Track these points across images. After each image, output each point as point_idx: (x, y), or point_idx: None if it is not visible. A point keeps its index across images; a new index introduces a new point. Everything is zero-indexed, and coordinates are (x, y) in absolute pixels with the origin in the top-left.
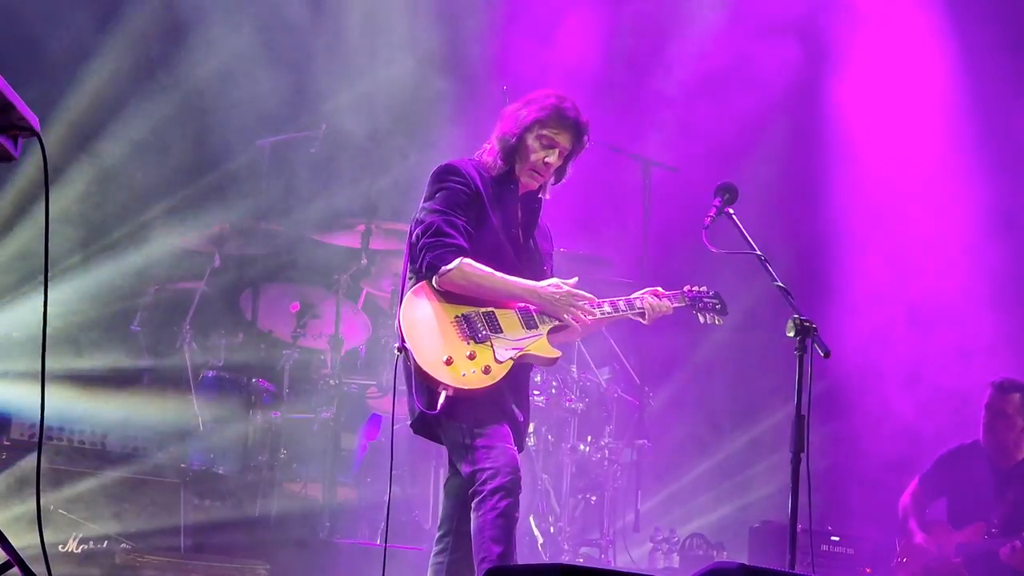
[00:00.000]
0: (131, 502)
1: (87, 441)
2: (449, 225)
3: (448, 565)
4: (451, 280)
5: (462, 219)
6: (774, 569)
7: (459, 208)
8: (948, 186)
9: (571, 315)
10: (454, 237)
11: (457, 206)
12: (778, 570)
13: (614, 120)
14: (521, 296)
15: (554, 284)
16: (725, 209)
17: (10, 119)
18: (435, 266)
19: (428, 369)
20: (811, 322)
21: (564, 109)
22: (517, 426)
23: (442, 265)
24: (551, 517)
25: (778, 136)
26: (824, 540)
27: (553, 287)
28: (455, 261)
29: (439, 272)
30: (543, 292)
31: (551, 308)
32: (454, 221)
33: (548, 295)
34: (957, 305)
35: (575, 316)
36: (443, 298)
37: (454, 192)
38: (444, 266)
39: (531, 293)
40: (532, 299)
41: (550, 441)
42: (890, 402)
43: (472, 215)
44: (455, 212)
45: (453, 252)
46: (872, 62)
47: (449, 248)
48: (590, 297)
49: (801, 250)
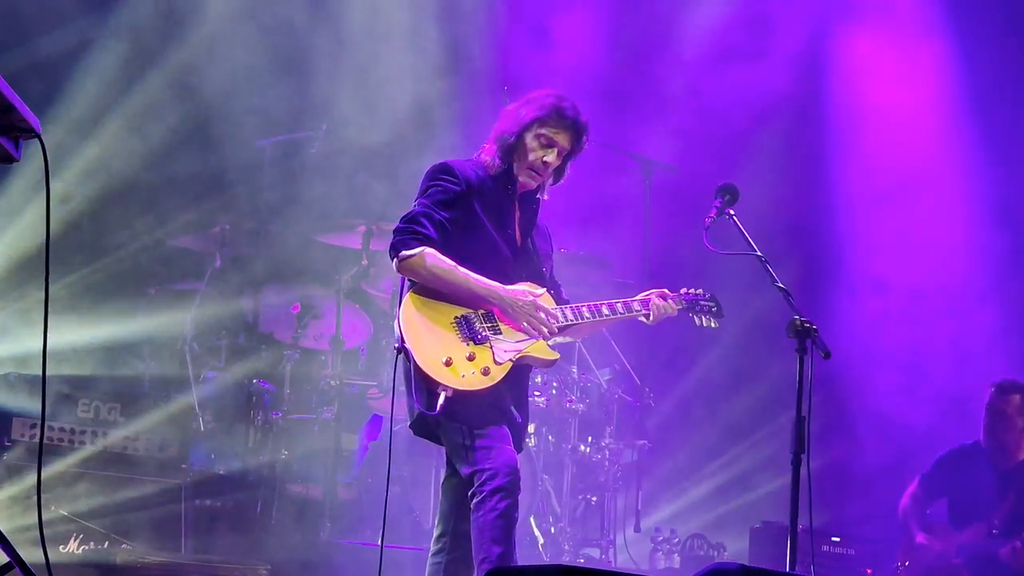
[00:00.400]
0: (132, 503)
1: (88, 442)
2: (426, 217)
3: (446, 565)
4: (411, 267)
5: (444, 216)
6: (774, 570)
7: (444, 206)
8: (949, 178)
9: (530, 325)
10: (426, 228)
11: (442, 203)
12: (778, 571)
13: (615, 120)
14: (482, 295)
15: (521, 290)
16: (726, 210)
17: (11, 120)
18: (397, 249)
19: (427, 370)
20: (811, 323)
21: (563, 108)
22: (516, 427)
23: (404, 249)
24: (552, 517)
25: (779, 136)
26: (825, 541)
27: (519, 293)
28: (418, 248)
29: (399, 255)
30: (505, 295)
31: (512, 313)
32: (433, 215)
33: (510, 299)
34: (957, 302)
35: (533, 327)
36: (442, 299)
37: (442, 190)
38: (405, 251)
39: (493, 294)
40: (494, 300)
41: (551, 442)
42: (890, 402)
43: (459, 215)
44: (438, 208)
45: (419, 240)
46: (872, 56)
47: (416, 235)
48: (553, 313)
49: (802, 249)
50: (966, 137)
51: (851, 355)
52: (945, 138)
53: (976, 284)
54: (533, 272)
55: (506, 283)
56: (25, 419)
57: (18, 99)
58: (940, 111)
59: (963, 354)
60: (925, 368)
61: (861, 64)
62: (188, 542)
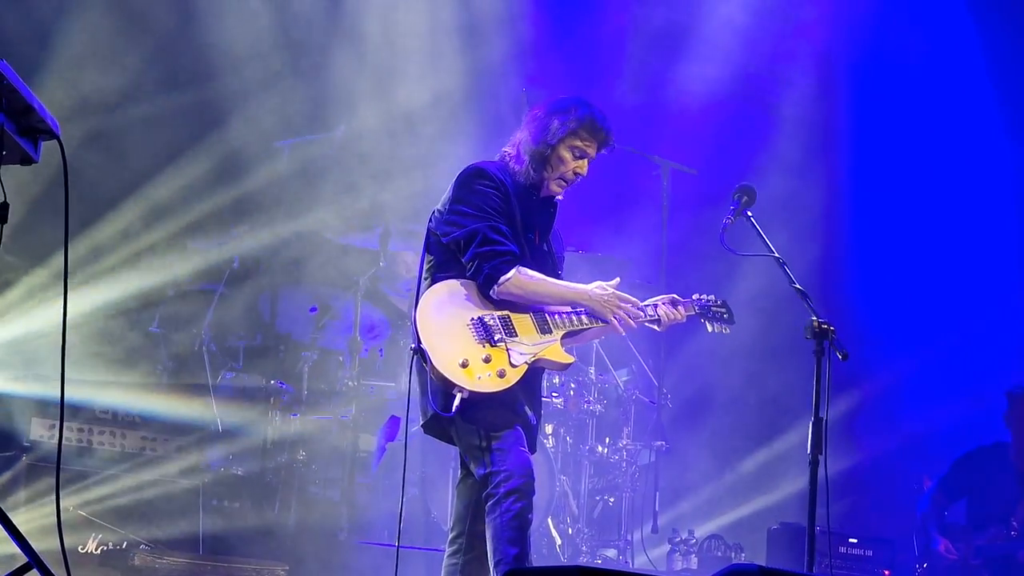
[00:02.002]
0: (150, 503)
1: (106, 443)
2: (495, 231)
3: (462, 566)
4: (508, 289)
5: (504, 223)
6: (792, 571)
7: (498, 213)
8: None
9: (617, 319)
10: (505, 244)
11: (495, 211)
12: (796, 572)
13: (634, 122)
14: (573, 300)
15: (599, 286)
16: (743, 211)
17: (30, 122)
18: (494, 277)
19: (444, 371)
20: (829, 324)
21: (597, 120)
22: (530, 429)
23: (500, 276)
24: (569, 518)
25: (798, 138)
26: (842, 542)
27: (599, 289)
28: (512, 272)
29: (498, 283)
30: (593, 294)
31: (600, 309)
32: (499, 227)
33: (597, 297)
34: (980, 301)
35: (620, 319)
36: (458, 300)
37: (488, 196)
38: (503, 276)
39: (582, 296)
40: (584, 301)
41: (568, 443)
42: (909, 402)
43: (506, 220)
44: (496, 217)
45: (509, 262)
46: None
47: (504, 257)
48: (634, 300)
49: (820, 252)
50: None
51: (870, 355)
52: (967, 131)
53: (1001, 283)
54: (550, 274)
55: None
56: (44, 420)
57: (37, 101)
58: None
59: (984, 354)
60: (945, 368)
61: (881, 64)
62: (206, 542)
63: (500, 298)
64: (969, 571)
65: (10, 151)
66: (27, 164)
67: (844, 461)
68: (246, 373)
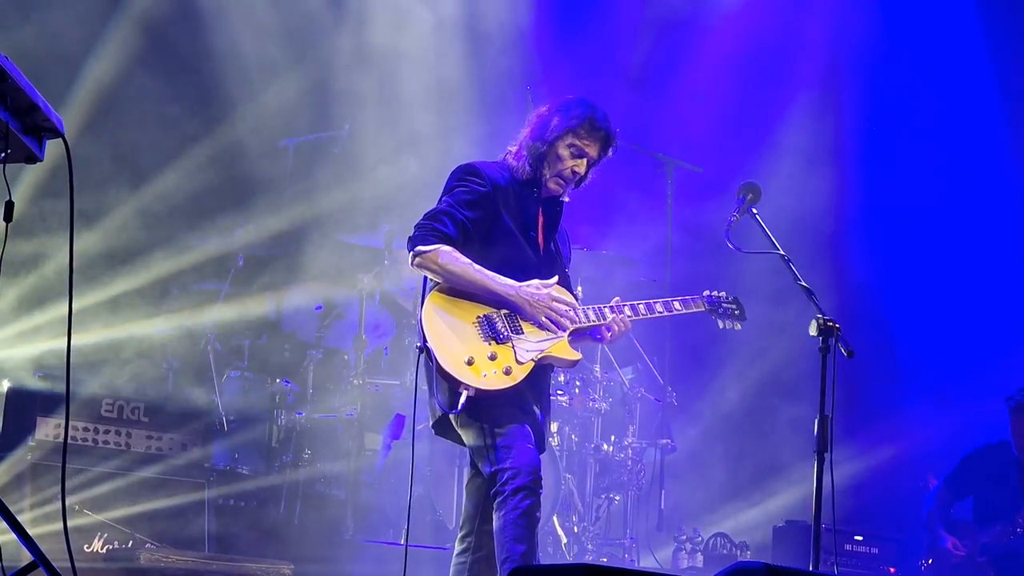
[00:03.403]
0: (155, 502)
1: (112, 442)
2: (448, 216)
3: (471, 564)
4: (425, 263)
5: (467, 216)
6: (798, 568)
7: (468, 206)
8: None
9: (548, 319)
10: (446, 226)
11: (467, 204)
12: (802, 569)
13: (638, 119)
14: (499, 292)
15: (535, 285)
16: (749, 208)
17: (35, 120)
18: (414, 243)
19: (450, 369)
20: (834, 322)
21: (596, 119)
22: (538, 426)
23: (420, 244)
24: (575, 517)
25: (804, 134)
26: (848, 539)
27: (533, 288)
28: (434, 245)
29: (415, 250)
30: (522, 292)
31: (529, 310)
32: (456, 215)
33: (527, 295)
34: (985, 300)
35: (552, 320)
36: (464, 298)
37: (468, 190)
38: (422, 246)
39: (509, 292)
40: (511, 299)
41: (574, 441)
42: (914, 400)
43: (483, 216)
44: (462, 208)
45: (437, 237)
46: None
47: (435, 232)
48: (571, 301)
49: (826, 250)
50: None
51: (875, 354)
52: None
53: (1010, 281)
54: (555, 274)
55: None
56: (49, 419)
57: (42, 99)
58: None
59: (992, 352)
60: (951, 366)
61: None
62: (211, 541)
63: (418, 270)
64: (974, 568)
65: (15, 150)
66: (32, 163)
67: (850, 458)
68: (251, 372)
